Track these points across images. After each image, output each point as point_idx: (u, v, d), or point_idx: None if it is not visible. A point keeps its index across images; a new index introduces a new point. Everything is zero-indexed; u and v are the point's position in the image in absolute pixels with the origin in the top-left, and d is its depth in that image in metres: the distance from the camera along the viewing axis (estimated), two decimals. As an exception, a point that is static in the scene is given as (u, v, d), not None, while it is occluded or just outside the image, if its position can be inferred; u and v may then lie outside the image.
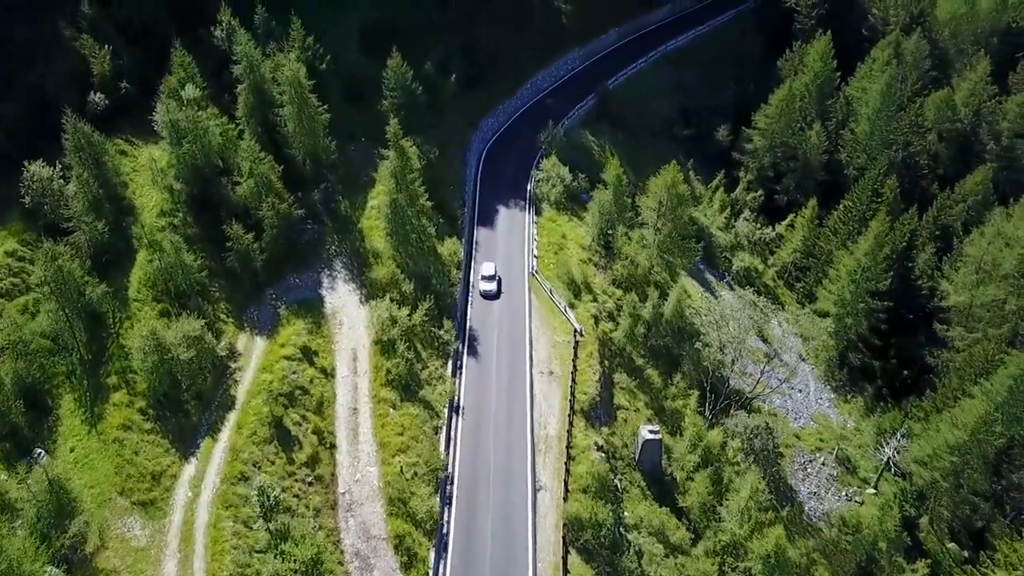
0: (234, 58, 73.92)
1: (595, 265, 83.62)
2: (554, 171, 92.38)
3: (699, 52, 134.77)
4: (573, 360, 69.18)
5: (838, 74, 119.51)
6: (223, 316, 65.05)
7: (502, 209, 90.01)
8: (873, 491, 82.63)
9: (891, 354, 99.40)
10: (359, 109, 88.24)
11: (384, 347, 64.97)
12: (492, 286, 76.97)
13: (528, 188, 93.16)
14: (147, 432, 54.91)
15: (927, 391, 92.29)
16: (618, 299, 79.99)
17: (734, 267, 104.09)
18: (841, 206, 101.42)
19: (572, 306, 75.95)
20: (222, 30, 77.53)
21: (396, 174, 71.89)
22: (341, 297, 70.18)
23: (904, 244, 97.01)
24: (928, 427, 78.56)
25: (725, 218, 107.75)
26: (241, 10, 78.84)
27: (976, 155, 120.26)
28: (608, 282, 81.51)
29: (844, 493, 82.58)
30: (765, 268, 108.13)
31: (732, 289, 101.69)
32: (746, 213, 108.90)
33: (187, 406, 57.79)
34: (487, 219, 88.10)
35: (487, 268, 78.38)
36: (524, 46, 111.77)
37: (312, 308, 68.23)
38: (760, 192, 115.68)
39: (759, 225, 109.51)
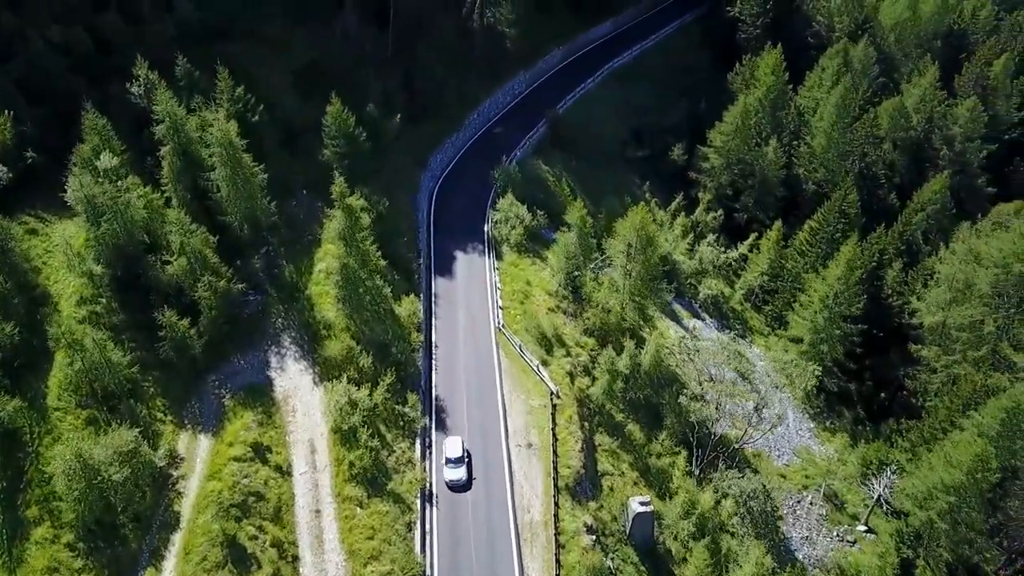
0: (155, 117, 66.37)
1: (564, 313, 78.53)
2: (512, 211, 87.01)
3: (646, 67, 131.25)
4: (552, 429, 63.91)
5: (790, 86, 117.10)
6: (160, 415, 57.77)
7: (460, 255, 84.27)
8: (864, 528, 79.64)
9: (866, 376, 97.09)
10: (298, 157, 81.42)
11: (344, 436, 58.61)
12: (460, 474, 58.91)
13: (485, 230, 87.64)
14: (78, 572, 47.59)
15: (909, 417, 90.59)
16: (592, 350, 75.10)
17: (701, 295, 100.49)
18: (807, 227, 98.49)
19: (545, 363, 70.71)
20: (139, 85, 69.76)
21: (345, 236, 65.51)
22: (292, 379, 63.48)
23: (874, 264, 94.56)
24: (918, 462, 75.80)
25: (688, 244, 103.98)
26: (160, 62, 71.03)
27: (930, 161, 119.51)
28: (580, 332, 76.53)
29: (836, 533, 79.39)
30: (732, 292, 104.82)
31: (701, 319, 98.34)
32: (709, 237, 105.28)
33: (124, 531, 50.65)
34: (445, 268, 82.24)
35: (452, 447, 60.25)
36: (468, 74, 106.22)
37: (261, 394, 61.40)
38: (720, 211, 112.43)
39: (722, 248, 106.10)
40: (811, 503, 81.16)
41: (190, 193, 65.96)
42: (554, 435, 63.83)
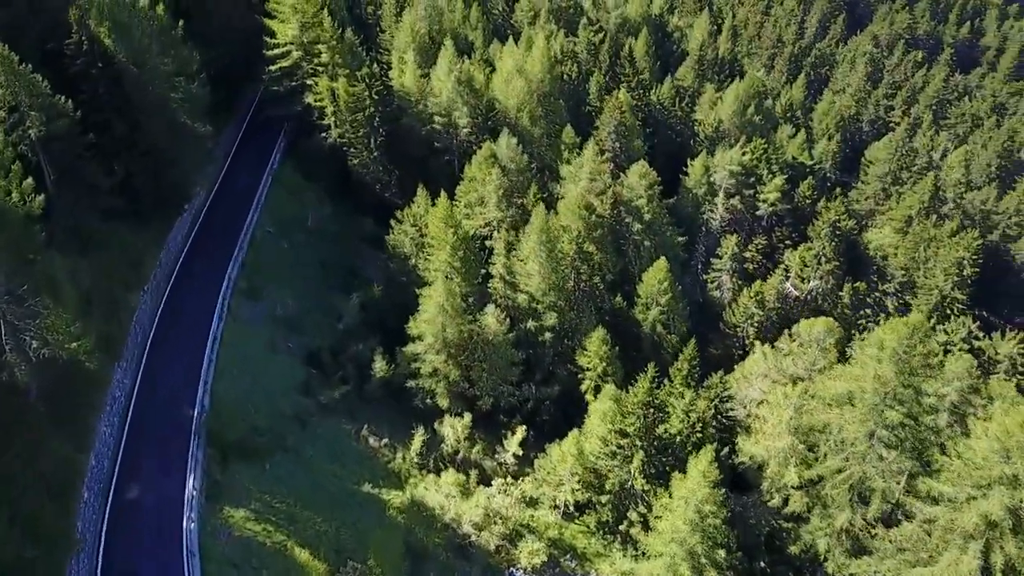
0: None
1: None
2: None
3: (271, 256, 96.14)
4: None
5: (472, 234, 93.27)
6: None
7: None
8: None
9: (733, 548, 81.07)
10: None
11: None
12: None
13: None
14: None
15: (797, 573, 77.99)
16: None
17: (523, 563, 74.57)
18: (605, 430, 76.99)
19: None
20: None
21: None
22: None
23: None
24: None
25: (478, 504, 76.09)
26: None
27: (626, 240, 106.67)
28: None
29: None
30: (544, 523, 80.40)
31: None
32: (497, 481, 78.70)
33: None
34: None
35: None
36: (46, 442, 61.67)
37: None
38: (467, 415, 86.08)
39: (509, 485, 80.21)
40: None
41: None
42: None
